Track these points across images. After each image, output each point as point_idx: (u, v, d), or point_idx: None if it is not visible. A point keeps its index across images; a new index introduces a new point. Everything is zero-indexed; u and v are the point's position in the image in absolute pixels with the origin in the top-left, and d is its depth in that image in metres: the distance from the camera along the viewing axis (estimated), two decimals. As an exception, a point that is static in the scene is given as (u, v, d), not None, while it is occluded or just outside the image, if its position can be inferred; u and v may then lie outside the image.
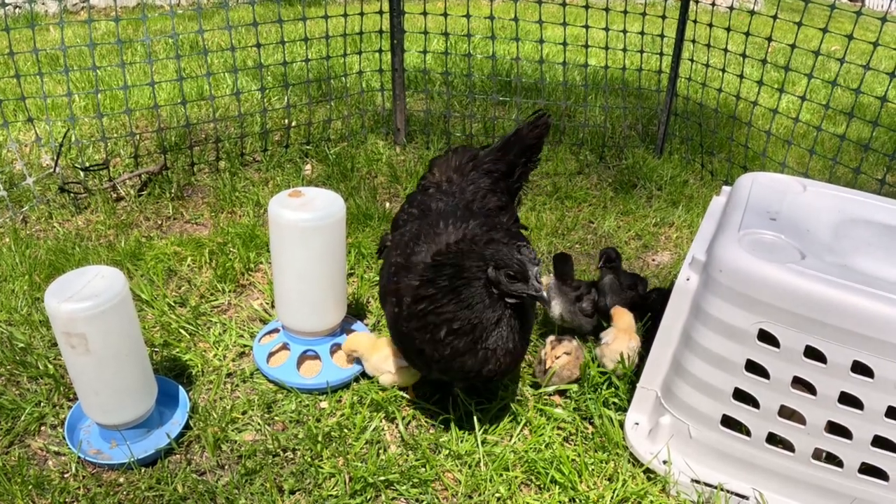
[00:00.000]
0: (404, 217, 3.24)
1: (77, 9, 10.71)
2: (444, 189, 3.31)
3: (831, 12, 4.80)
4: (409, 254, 2.94)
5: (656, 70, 6.13)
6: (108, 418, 2.86)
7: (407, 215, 3.23)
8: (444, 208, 3.15)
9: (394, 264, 2.98)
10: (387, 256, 3.14)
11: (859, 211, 2.99)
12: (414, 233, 3.03)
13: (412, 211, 3.23)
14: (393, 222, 3.35)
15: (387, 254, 3.16)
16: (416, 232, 3.02)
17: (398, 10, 5.55)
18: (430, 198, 3.25)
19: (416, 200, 3.29)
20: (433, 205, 3.19)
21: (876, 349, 2.36)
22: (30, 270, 3.96)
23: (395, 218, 3.33)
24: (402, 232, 3.12)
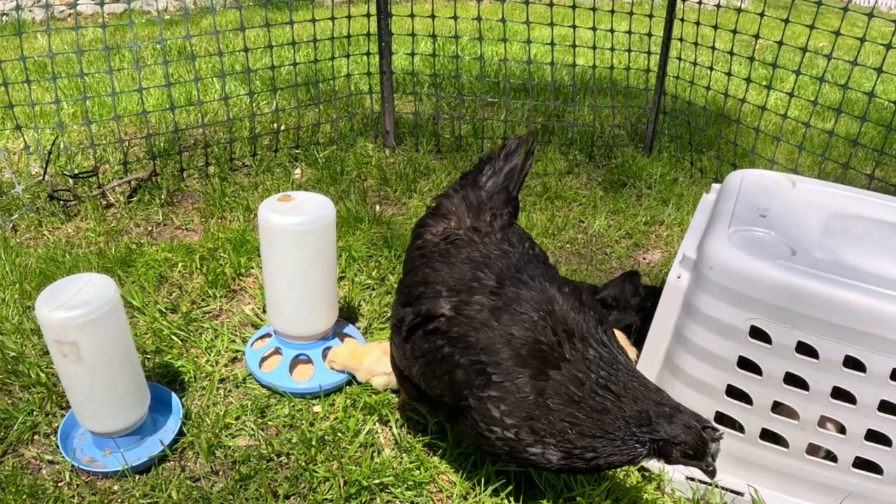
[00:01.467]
0: (444, 282, 2.57)
1: (64, 15, 10.68)
2: (481, 245, 2.70)
3: (818, 9, 4.82)
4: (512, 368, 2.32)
5: (644, 69, 6.15)
6: (102, 426, 2.85)
7: (456, 282, 2.56)
8: (524, 292, 2.48)
9: (480, 371, 2.35)
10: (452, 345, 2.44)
11: (849, 206, 3.00)
12: (502, 327, 2.38)
13: (454, 275, 2.59)
14: (414, 274, 2.72)
15: (449, 342, 2.45)
16: (504, 326, 2.38)
17: (385, 12, 5.55)
18: (480, 261, 2.62)
19: (455, 256, 2.66)
20: (493, 274, 2.55)
21: (867, 344, 2.36)
22: (20, 279, 3.95)
23: (418, 269, 2.72)
24: (464, 315, 2.43)
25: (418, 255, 2.79)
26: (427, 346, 2.50)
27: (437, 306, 2.49)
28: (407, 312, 2.60)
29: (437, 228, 2.86)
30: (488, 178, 2.93)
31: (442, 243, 2.75)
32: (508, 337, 2.34)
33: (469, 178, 2.99)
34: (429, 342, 2.49)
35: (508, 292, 2.46)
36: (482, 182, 2.92)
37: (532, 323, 2.37)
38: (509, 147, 3.00)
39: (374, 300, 3.97)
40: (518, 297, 2.44)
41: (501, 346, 2.33)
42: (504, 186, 2.91)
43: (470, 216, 2.84)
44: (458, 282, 2.54)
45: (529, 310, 2.40)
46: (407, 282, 2.75)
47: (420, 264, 2.73)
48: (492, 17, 7.35)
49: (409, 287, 2.69)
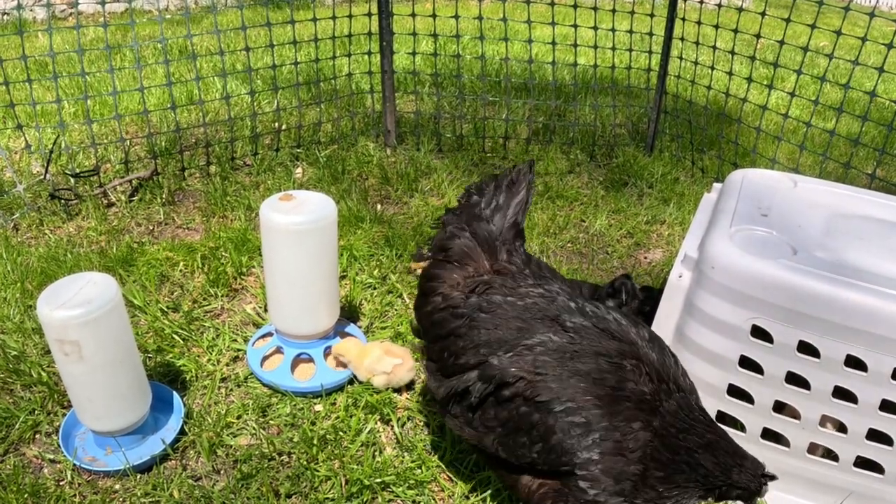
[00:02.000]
0: (502, 341, 2.32)
1: (65, 15, 10.68)
2: (520, 289, 2.47)
3: (819, 8, 4.82)
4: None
5: (645, 68, 6.14)
6: (103, 425, 2.85)
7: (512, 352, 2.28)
8: (597, 336, 2.28)
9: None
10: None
11: (850, 206, 3.00)
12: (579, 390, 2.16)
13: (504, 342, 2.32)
14: (458, 339, 2.42)
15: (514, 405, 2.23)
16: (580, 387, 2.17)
17: (387, 11, 5.55)
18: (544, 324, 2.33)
19: (499, 308, 2.41)
20: (551, 320, 2.33)
21: (869, 343, 2.36)
22: (21, 278, 3.95)
23: (459, 332, 2.42)
24: (543, 373, 2.20)
25: (450, 316, 2.47)
26: (506, 415, 2.24)
27: (510, 370, 2.23)
28: (468, 382, 2.32)
29: (456, 279, 2.57)
30: (493, 210, 2.67)
31: (474, 297, 2.47)
32: (605, 390, 2.14)
33: (466, 213, 2.71)
34: (507, 410, 2.23)
35: (581, 339, 2.25)
36: (486, 215, 2.66)
37: (621, 370, 2.19)
38: (512, 177, 2.75)
39: (375, 299, 3.97)
40: (592, 341, 2.24)
41: (596, 400, 2.13)
42: (513, 221, 2.67)
43: (487, 257, 2.60)
44: (517, 337, 2.30)
45: (614, 355, 2.21)
46: (448, 348, 2.43)
47: (459, 326, 2.41)
48: (493, 17, 7.34)
49: (454, 354, 2.40)
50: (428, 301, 2.60)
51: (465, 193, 2.85)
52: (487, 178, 2.85)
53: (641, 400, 2.14)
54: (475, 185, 2.84)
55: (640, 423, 2.11)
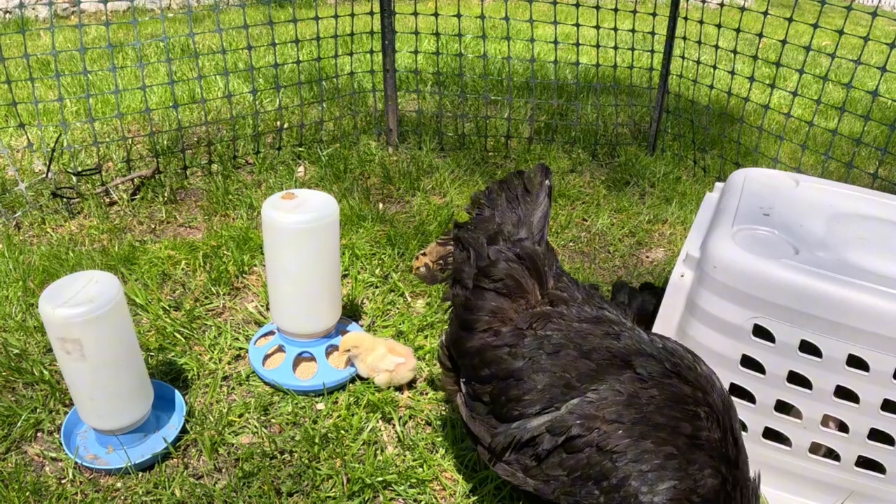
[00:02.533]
0: (571, 385, 2.16)
1: (67, 13, 10.68)
2: (583, 324, 2.28)
3: (822, 7, 4.82)
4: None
5: (647, 67, 6.14)
6: (105, 423, 2.85)
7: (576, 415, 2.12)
8: (670, 378, 2.15)
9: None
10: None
11: (852, 205, 3.00)
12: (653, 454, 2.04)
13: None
14: (521, 383, 2.21)
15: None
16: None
17: (389, 10, 5.55)
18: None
19: (565, 347, 2.22)
20: (621, 360, 2.18)
21: (870, 342, 2.36)
22: (23, 276, 3.95)
23: (522, 374, 2.21)
24: (619, 421, 2.07)
25: (507, 356, 2.25)
26: (574, 463, 2.10)
27: (583, 420, 2.09)
28: (534, 433, 2.15)
29: (507, 311, 2.34)
30: (516, 225, 2.47)
31: (532, 332, 2.26)
32: (682, 439, 2.05)
33: (482, 228, 2.49)
34: (576, 459, 2.09)
35: (654, 385, 2.12)
36: (509, 231, 2.45)
37: (696, 418, 2.09)
38: (524, 184, 2.55)
39: (377, 298, 3.97)
40: (666, 388, 2.12)
41: (673, 449, 2.04)
42: (541, 236, 2.46)
43: (537, 284, 2.37)
44: (587, 381, 2.15)
45: (689, 402, 2.11)
46: (507, 392, 2.23)
47: (519, 368, 2.22)
48: (495, 16, 7.35)
49: (514, 399, 2.21)
50: (475, 337, 2.34)
51: (474, 205, 2.61)
52: (494, 185, 2.61)
53: (713, 447, 2.07)
54: (483, 196, 2.59)
55: (710, 471, 2.04)
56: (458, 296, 2.46)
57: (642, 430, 2.04)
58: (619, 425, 2.06)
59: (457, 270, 2.50)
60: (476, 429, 2.32)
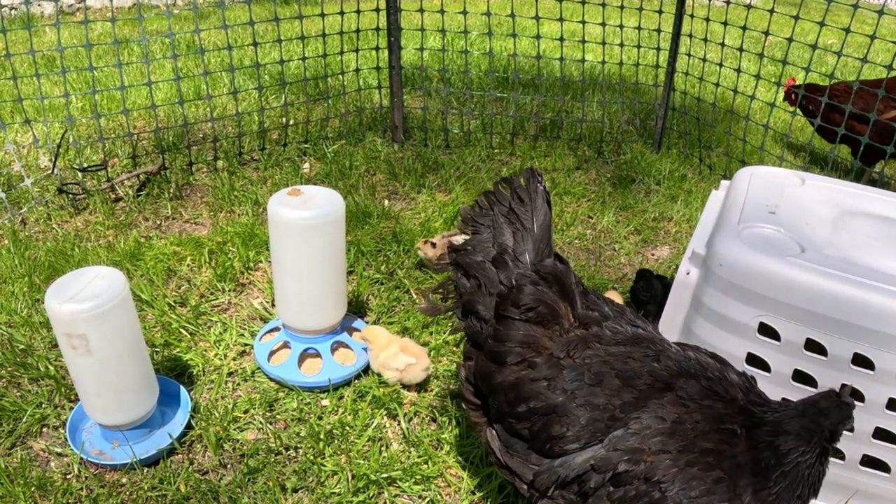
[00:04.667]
0: (616, 417, 2.06)
1: (73, 10, 10.69)
2: (620, 347, 2.17)
3: (828, 5, 4.80)
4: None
5: (653, 65, 6.13)
6: (110, 419, 2.86)
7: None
8: (709, 399, 2.09)
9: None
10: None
11: (858, 204, 3.00)
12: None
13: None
14: (564, 418, 2.09)
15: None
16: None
17: (395, 7, 5.55)
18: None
19: (606, 375, 2.10)
20: (662, 384, 2.11)
21: (876, 341, 2.36)
22: (29, 272, 3.96)
23: (566, 408, 2.09)
24: (666, 452, 2.00)
25: (546, 390, 2.12)
26: (621, 495, 2.02)
27: (630, 455, 2.00)
28: (580, 471, 2.05)
29: (540, 340, 2.17)
30: (521, 241, 2.33)
31: (569, 362, 2.13)
32: (729, 462, 2.02)
33: (481, 249, 2.36)
34: (623, 490, 2.01)
35: (697, 409, 2.06)
36: (515, 250, 2.31)
37: (735, 436, 2.06)
38: (517, 192, 2.39)
39: (382, 294, 3.97)
40: (708, 410, 2.07)
41: (721, 472, 2.00)
42: (549, 246, 2.34)
43: (566, 305, 2.21)
44: (629, 409, 2.06)
45: (726, 421, 2.06)
46: (548, 427, 2.10)
47: (561, 403, 2.09)
48: (501, 13, 7.33)
49: (557, 435, 2.09)
50: (507, 370, 2.17)
51: (467, 223, 2.44)
52: (483, 200, 2.44)
53: (756, 463, 2.03)
54: (475, 213, 2.44)
55: (751, 488, 2.02)
56: (475, 326, 2.31)
57: (689, 458, 1.99)
58: (665, 455, 1.99)
59: (469, 302, 2.34)
60: (514, 465, 2.19)
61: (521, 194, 2.38)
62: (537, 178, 2.39)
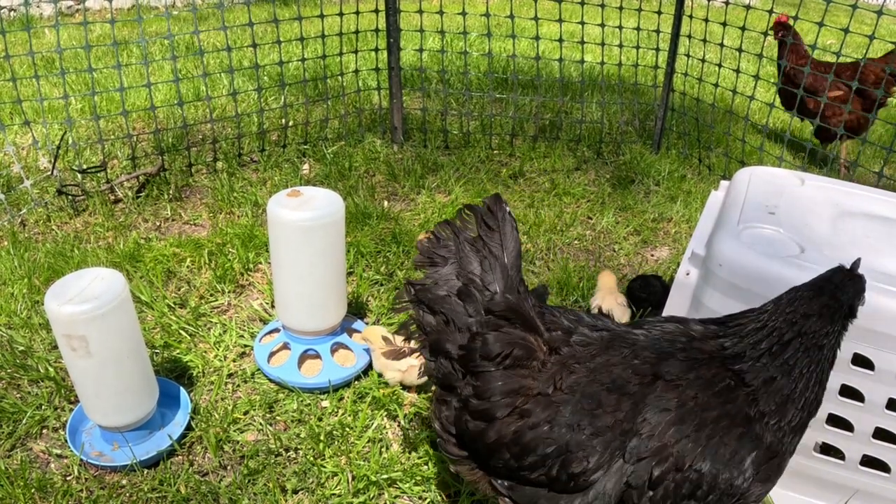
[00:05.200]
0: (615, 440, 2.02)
1: (72, 11, 10.69)
2: (593, 360, 2.14)
3: (827, 6, 4.81)
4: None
5: (652, 66, 6.14)
6: (110, 420, 2.86)
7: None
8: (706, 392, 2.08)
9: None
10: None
11: (857, 204, 3.00)
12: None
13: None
14: (580, 459, 2.01)
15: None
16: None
17: (394, 8, 5.55)
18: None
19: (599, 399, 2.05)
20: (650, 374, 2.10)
21: (876, 341, 2.36)
22: (29, 273, 3.96)
23: (573, 446, 2.01)
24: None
25: (549, 430, 2.03)
26: (663, 494, 2.01)
27: (653, 456, 1.99)
28: (614, 492, 2.02)
29: (529, 380, 2.09)
30: (490, 269, 2.21)
31: (560, 393, 2.07)
32: (740, 415, 2.04)
33: (454, 281, 2.23)
34: (663, 488, 2.01)
35: (690, 384, 2.07)
36: (483, 280, 2.20)
37: (729, 389, 2.09)
38: (485, 220, 2.27)
39: (382, 296, 3.97)
40: (699, 382, 2.08)
41: (736, 425, 2.03)
42: (519, 274, 2.25)
43: (536, 337, 2.15)
44: (633, 415, 2.04)
45: (717, 380, 2.09)
46: (565, 465, 2.01)
47: (574, 437, 2.01)
48: (500, 14, 7.33)
49: (580, 474, 2.01)
50: (501, 425, 2.06)
51: (425, 254, 2.30)
52: (444, 229, 2.31)
53: (755, 401, 2.06)
54: (434, 244, 2.31)
55: (766, 422, 2.05)
56: (446, 367, 2.18)
57: (706, 432, 2.00)
58: (685, 441, 1.99)
59: (436, 341, 2.20)
60: None
61: (489, 221, 2.26)
62: (502, 204, 2.27)
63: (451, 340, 2.16)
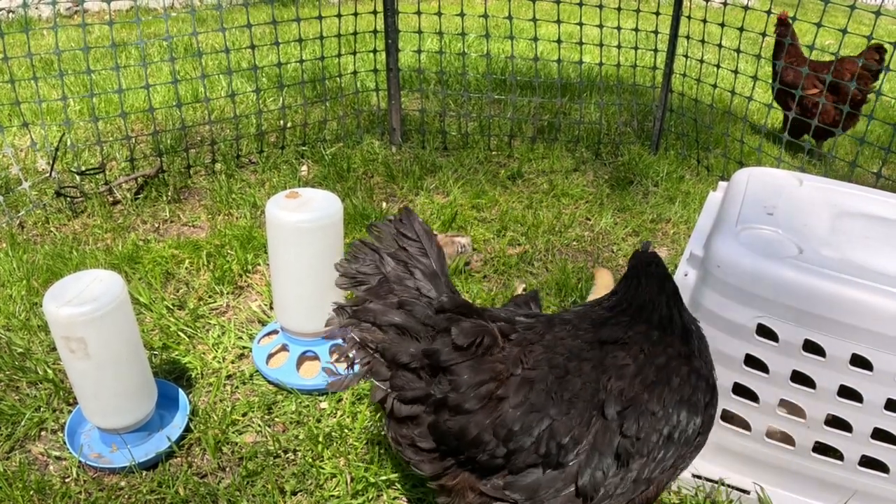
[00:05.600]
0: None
1: (71, 13, 10.69)
2: (543, 338, 2.21)
3: (825, 6, 4.81)
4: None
5: (651, 66, 6.14)
6: (109, 422, 2.86)
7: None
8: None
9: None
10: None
11: (856, 204, 3.00)
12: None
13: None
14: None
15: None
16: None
17: (392, 9, 5.55)
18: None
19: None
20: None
21: (874, 342, 2.36)
22: (27, 275, 3.96)
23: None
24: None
25: (531, 407, 2.05)
26: (645, 430, 2.07)
27: (628, 405, 2.07)
28: (616, 449, 2.04)
29: (498, 364, 2.09)
30: (427, 277, 2.21)
31: (530, 371, 2.09)
32: (683, 362, 2.21)
33: (391, 295, 2.19)
34: (648, 424, 2.08)
35: (632, 339, 2.20)
36: (428, 287, 2.19)
37: (670, 344, 2.26)
38: (403, 223, 2.30)
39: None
40: (637, 336, 2.21)
41: (685, 368, 2.20)
42: (447, 279, 2.27)
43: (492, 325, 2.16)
44: (598, 374, 2.11)
45: (660, 338, 2.24)
46: (557, 437, 2.02)
47: (555, 406, 2.05)
48: (498, 15, 7.34)
49: (568, 444, 2.03)
50: (482, 414, 2.03)
51: (351, 276, 2.29)
52: (362, 248, 2.28)
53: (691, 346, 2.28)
54: (353, 265, 2.29)
55: (691, 356, 2.25)
56: (407, 379, 2.10)
57: (664, 375, 2.14)
58: (653, 386, 2.10)
59: (393, 354, 2.11)
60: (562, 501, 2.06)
61: (405, 231, 2.25)
62: (412, 214, 2.29)
63: (408, 349, 2.09)
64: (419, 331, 2.12)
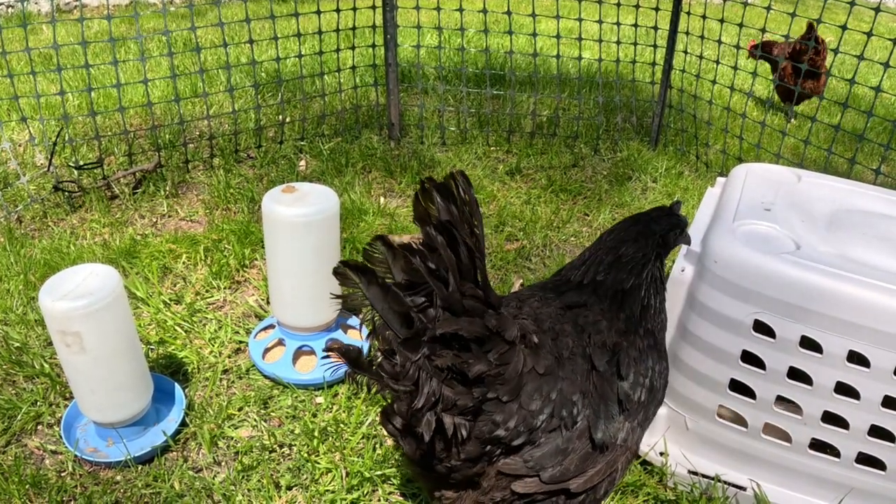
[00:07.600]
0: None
1: (69, 7, 10.67)
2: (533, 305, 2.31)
3: (825, 3, 4.80)
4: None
5: (650, 62, 6.13)
6: (105, 416, 2.86)
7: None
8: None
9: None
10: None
11: (854, 201, 2.99)
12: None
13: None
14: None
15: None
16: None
17: (391, 4, 5.53)
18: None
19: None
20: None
21: (872, 339, 2.36)
22: (25, 270, 3.95)
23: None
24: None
25: (548, 370, 2.05)
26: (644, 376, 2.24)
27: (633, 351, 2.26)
28: (627, 391, 2.17)
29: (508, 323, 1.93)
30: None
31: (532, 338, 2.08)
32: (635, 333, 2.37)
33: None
34: (649, 376, 2.28)
35: (594, 303, 2.36)
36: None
37: (632, 316, 2.43)
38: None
39: (377, 292, 3.96)
40: (599, 295, 2.40)
41: (649, 340, 2.39)
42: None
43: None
44: (578, 330, 2.23)
45: (620, 305, 2.40)
46: (559, 403, 2.04)
47: (555, 360, 2.08)
48: (497, 10, 7.32)
49: (572, 407, 2.07)
50: (508, 367, 1.93)
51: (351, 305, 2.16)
52: (361, 269, 2.04)
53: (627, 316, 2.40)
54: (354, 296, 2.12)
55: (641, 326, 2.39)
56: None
57: (633, 327, 2.34)
58: (628, 336, 2.29)
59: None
60: (579, 465, 2.08)
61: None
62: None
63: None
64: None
